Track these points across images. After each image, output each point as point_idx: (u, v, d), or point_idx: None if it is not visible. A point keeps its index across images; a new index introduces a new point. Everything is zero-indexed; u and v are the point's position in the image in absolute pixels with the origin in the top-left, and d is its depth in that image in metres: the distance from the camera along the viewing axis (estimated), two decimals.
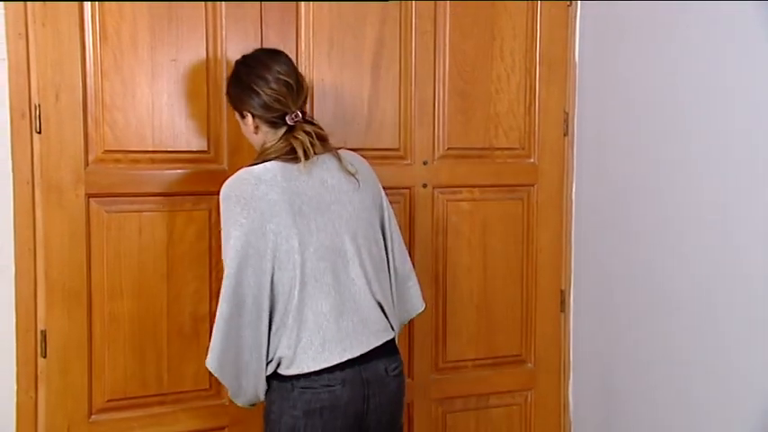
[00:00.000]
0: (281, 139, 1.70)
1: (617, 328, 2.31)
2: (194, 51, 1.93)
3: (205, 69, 1.94)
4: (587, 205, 2.42)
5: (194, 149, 1.95)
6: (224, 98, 1.96)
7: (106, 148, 1.86)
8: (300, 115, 1.70)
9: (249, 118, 1.71)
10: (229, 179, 1.65)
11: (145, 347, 1.92)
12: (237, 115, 1.75)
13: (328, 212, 1.69)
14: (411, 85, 2.21)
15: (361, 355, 1.67)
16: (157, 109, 1.90)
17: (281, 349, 1.63)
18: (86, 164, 1.84)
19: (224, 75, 1.95)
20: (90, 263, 1.85)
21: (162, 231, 1.92)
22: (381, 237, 1.80)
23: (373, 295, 1.72)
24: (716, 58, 1.95)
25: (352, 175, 1.74)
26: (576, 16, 2.42)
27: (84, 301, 1.84)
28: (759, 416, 1.87)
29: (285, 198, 1.63)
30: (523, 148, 2.38)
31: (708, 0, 1.95)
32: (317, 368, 1.62)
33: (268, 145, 1.70)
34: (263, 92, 1.67)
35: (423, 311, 1.94)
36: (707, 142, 1.98)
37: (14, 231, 1.79)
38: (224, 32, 1.95)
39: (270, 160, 1.66)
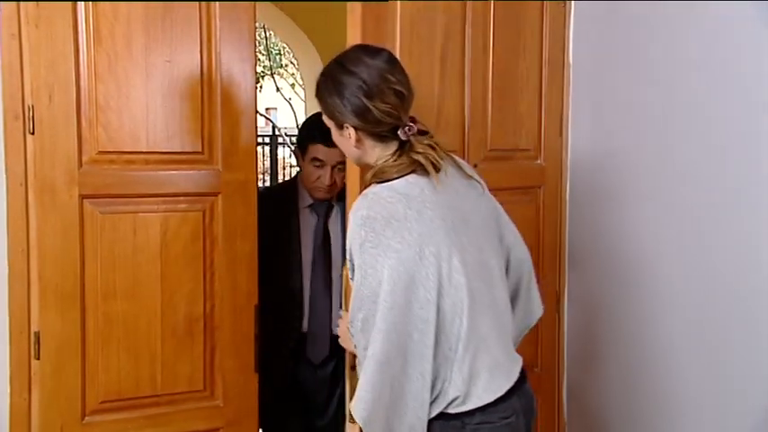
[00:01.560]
0: (398, 155, 1.51)
1: (610, 328, 2.31)
2: (189, 52, 1.92)
3: (199, 70, 1.93)
4: (580, 206, 2.43)
5: (189, 150, 1.94)
6: (218, 99, 1.95)
7: (100, 149, 1.85)
8: (414, 128, 1.51)
9: (351, 131, 1.52)
10: (364, 200, 1.46)
11: (139, 349, 1.91)
12: (332, 124, 1.57)
13: (470, 224, 1.53)
14: (467, 81, 2.17)
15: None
16: (152, 110, 1.89)
17: (454, 385, 1.44)
18: (80, 165, 1.83)
19: (219, 76, 1.95)
20: (84, 264, 1.84)
21: (156, 232, 1.92)
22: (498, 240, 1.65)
23: (507, 307, 1.58)
24: (714, 57, 1.95)
25: (476, 180, 1.60)
26: (570, 16, 2.42)
27: (77, 303, 1.83)
28: (755, 416, 1.87)
29: (438, 214, 1.46)
30: (534, 149, 2.38)
31: (707, 0, 1.95)
32: (491, 399, 1.46)
33: (382, 163, 1.52)
34: (375, 107, 1.47)
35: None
36: (702, 142, 1.98)
37: (8, 233, 1.78)
38: (218, 33, 1.94)
39: (395, 179, 1.48)
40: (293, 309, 2.36)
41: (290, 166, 10.64)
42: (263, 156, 9.54)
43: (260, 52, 10.06)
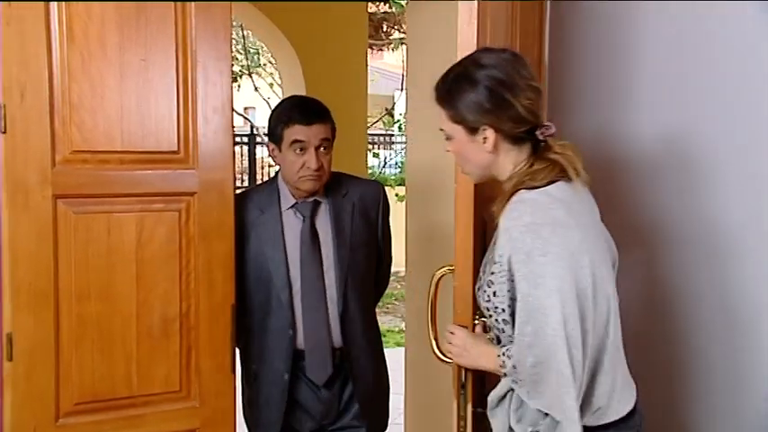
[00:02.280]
0: (533, 159, 1.43)
1: None
2: (164, 51, 1.90)
3: (175, 69, 1.92)
4: None
5: (164, 150, 1.93)
6: (194, 98, 1.94)
7: (74, 149, 1.83)
8: (552, 128, 1.43)
9: (489, 133, 1.41)
10: (524, 206, 1.38)
11: (114, 349, 1.89)
12: (461, 130, 1.45)
13: (598, 229, 1.48)
14: None
15: None
16: (126, 109, 1.88)
17: (597, 398, 1.39)
18: (53, 164, 1.81)
19: (194, 75, 1.93)
20: (57, 265, 1.82)
21: (131, 233, 1.90)
22: None
23: None
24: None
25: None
26: (546, 15, 2.43)
27: (51, 304, 1.81)
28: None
29: (588, 220, 1.42)
30: None
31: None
32: (625, 412, 1.41)
33: (520, 169, 1.43)
34: (518, 102, 1.38)
35: None
36: (674, 143, 2.01)
37: None
38: (194, 32, 1.93)
39: (543, 185, 1.40)
40: (284, 326, 2.17)
41: (269, 166, 10.59)
42: (242, 155, 9.50)
43: (238, 51, 10.00)
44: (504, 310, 1.44)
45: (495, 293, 1.44)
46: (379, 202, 2.34)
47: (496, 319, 1.48)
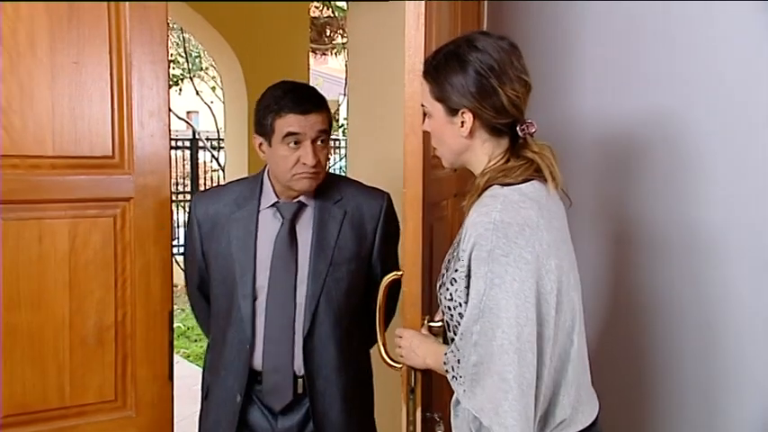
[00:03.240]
0: (510, 154, 1.40)
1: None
2: (97, 54, 1.86)
3: (109, 72, 1.88)
4: None
5: (98, 155, 1.88)
6: (129, 102, 1.90)
7: (2, 153, 1.77)
8: (535, 126, 1.38)
9: (468, 117, 1.38)
10: (495, 202, 1.33)
11: (45, 359, 1.84)
12: (441, 108, 1.41)
13: (567, 236, 1.43)
14: None
15: None
16: (58, 113, 1.82)
17: (562, 409, 1.35)
18: None
19: (129, 78, 1.89)
20: None
21: (64, 239, 1.85)
22: None
23: None
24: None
25: (565, 193, 1.44)
26: (484, 16, 2.46)
27: None
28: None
29: (559, 224, 1.38)
30: None
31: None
32: (589, 422, 1.38)
33: (496, 164, 1.39)
34: (504, 92, 1.34)
35: None
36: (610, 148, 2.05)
37: None
38: (129, 34, 1.89)
39: (519, 182, 1.36)
40: (242, 340, 1.93)
41: (212, 171, 10.45)
42: (184, 160, 9.35)
43: (179, 55, 9.84)
44: (460, 305, 1.42)
45: (456, 291, 1.41)
46: (380, 215, 2.02)
47: (455, 317, 1.44)
